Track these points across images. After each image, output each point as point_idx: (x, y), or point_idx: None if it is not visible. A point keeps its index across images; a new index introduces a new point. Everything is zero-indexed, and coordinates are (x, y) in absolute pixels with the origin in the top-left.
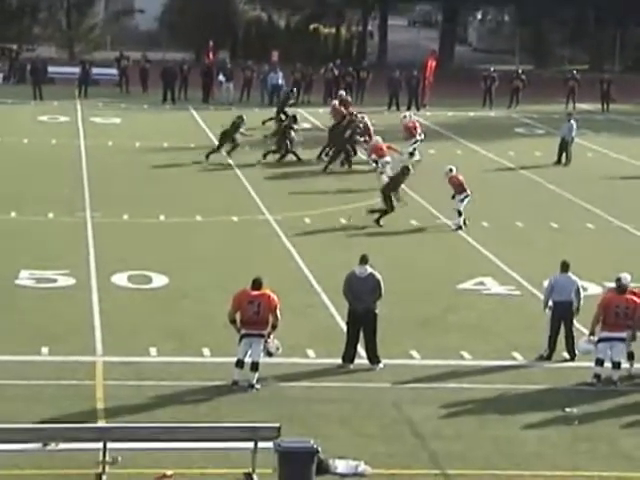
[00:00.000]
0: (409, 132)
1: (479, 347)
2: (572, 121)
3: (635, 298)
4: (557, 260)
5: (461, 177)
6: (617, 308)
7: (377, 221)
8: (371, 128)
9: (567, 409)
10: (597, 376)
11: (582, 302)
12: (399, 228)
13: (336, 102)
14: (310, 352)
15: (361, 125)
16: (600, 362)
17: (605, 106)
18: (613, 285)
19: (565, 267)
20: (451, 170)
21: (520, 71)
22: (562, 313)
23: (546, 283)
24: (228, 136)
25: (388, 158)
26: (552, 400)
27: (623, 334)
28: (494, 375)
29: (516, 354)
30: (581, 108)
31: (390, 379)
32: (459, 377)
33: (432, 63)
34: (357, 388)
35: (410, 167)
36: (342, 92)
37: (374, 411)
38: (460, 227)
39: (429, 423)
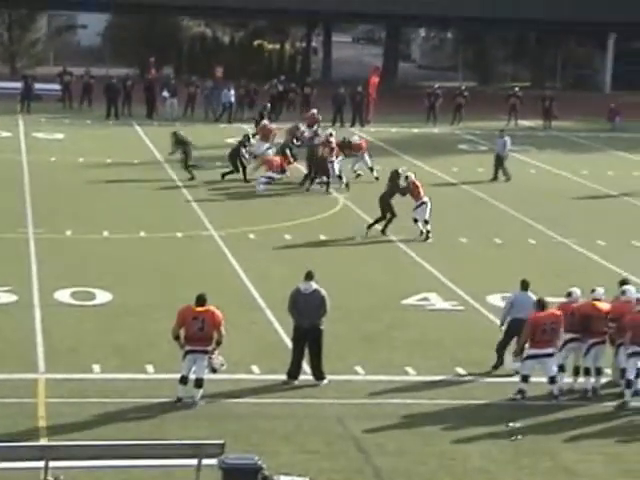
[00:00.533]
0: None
1: (423, 362)
2: (506, 137)
3: (557, 312)
4: (500, 275)
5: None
6: (544, 325)
7: (383, 231)
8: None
9: (510, 424)
10: (521, 392)
11: None
12: (344, 243)
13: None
14: (255, 368)
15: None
16: (525, 378)
17: (547, 123)
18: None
19: (525, 285)
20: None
21: (463, 88)
22: (519, 330)
23: (505, 301)
24: (235, 156)
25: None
26: (495, 415)
27: (550, 350)
28: (438, 390)
29: (460, 369)
30: (523, 125)
31: (335, 395)
32: (403, 392)
33: (375, 79)
34: (302, 404)
35: (400, 170)
36: (314, 111)
37: (319, 427)
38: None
39: (373, 439)
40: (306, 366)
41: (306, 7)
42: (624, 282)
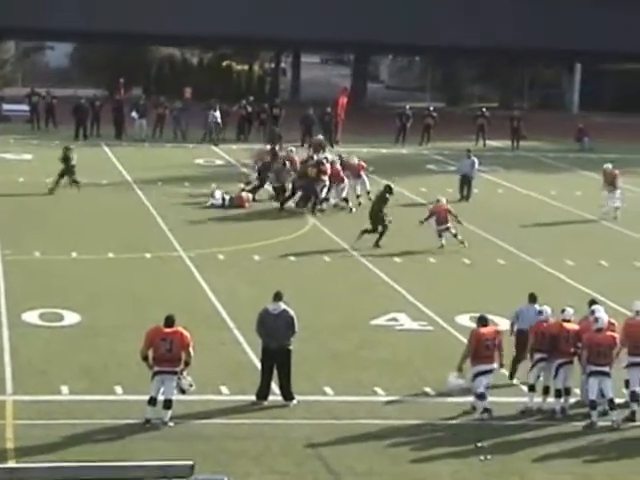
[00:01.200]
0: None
1: (392, 383)
2: (473, 157)
3: (497, 328)
4: (469, 296)
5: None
6: (487, 341)
7: (376, 243)
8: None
9: (479, 444)
10: (487, 410)
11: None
12: (313, 263)
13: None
14: (224, 389)
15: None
16: (482, 396)
17: (515, 143)
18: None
19: (533, 298)
20: (438, 200)
21: (432, 109)
22: (525, 340)
23: (513, 312)
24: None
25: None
26: (464, 435)
27: (494, 365)
28: (407, 410)
29: (428, 389)
30: (491, 145)
31: (304, 415)
32: (373, 412)
33: (343, 100)
34: (271, 425)
35: (392, 185)
36: (321, 137)
37: (288, 448)
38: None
39: (342, 459)
40: (275, 387)
41: (274, 35)
42: (593, 302)
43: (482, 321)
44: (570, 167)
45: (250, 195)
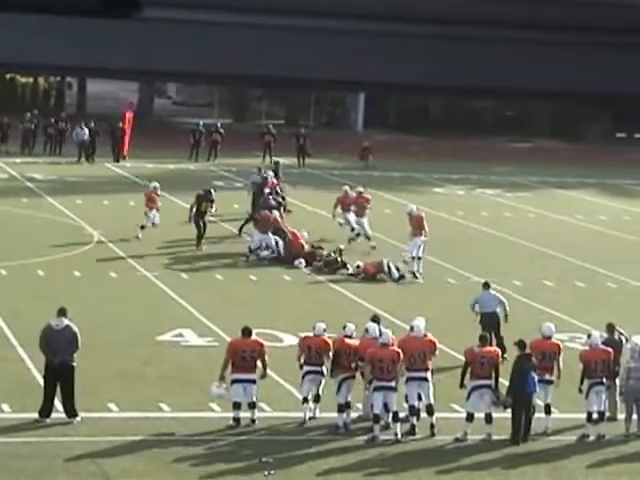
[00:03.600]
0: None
1: (178, 398)
2: (265, 174)
3: (258, 340)
4: (254, 311)
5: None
6: (243, 352)
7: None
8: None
9: (263, 459)
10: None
11: (508, 309)
12: (98, 280)
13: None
14: (5, 407)
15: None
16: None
17: (301, 160)
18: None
19: (487, 286)
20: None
21: (219, 125)
22: (488, 322)
23: (471, 300)
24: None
25: None
26: (248, 450)
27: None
28: (192, 426)
29: (214, 405)
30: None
31: (88, 433)
32: (158, 429)
33: (130, 115)
34: (53, 443)
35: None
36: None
37: (71, 466)
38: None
39: (126, 477)
40: (58, 404)
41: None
42: (374, 319)
43: (244, 332)
44: (355, 185)
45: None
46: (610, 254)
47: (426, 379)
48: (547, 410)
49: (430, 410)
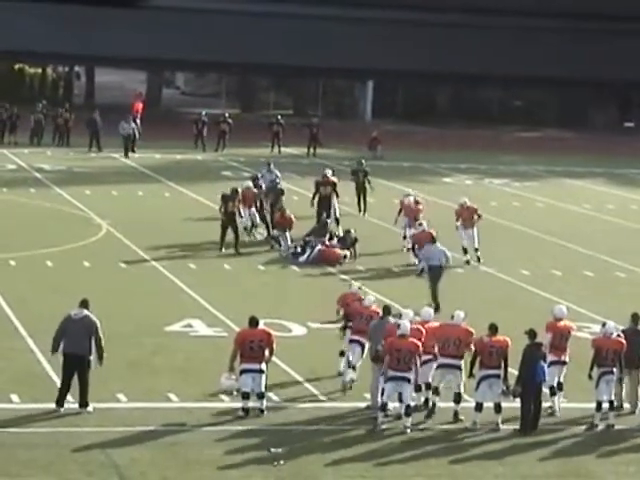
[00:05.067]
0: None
1: (186, 389)
2: (274, 170)
3: (266, 329)
4: (263, 301)
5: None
6: (252, 343)
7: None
8: None
9: (272, 449)
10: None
11: (450, 262)
12: (106, 270)
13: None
14: (14, 397)
15: None
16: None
17: (312, 150)
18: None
19: (434, 239)
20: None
21: (227, 115)
22: (435, 274)
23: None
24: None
25: None
26: (259, 440)
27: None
28: (201, 416)
29: (223, 395)
30: (286, 152)
31: (96, 423)
32: (166, 419)
33: (138, 105)
34: (63, 433)
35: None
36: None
37: (80, 456)
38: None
39: (136, 467)
40: (72, 394)
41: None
42: (386, 309)
43: (251, 322)
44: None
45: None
46: (618, 243)
47: (459, 367)
48: (559, 387)
49: (457, 399)
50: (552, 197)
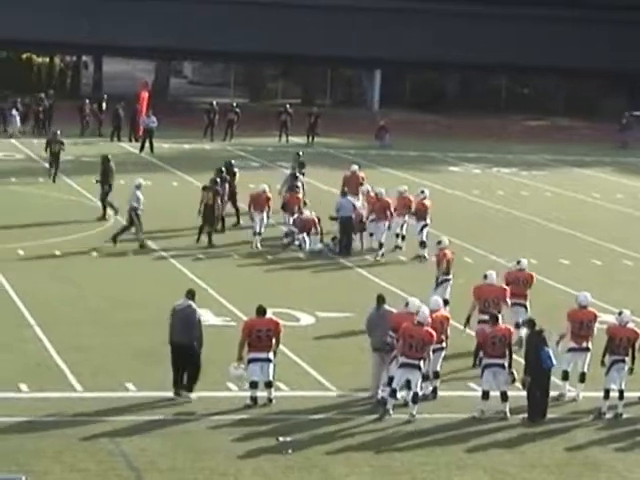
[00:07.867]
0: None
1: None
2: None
3: (274, 319)
4: (272, 292)
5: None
6: (260, 332)
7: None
8: None
9: (280, 438)
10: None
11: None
12: (115, 260)
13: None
14: (23, 386)
15: None
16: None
17: (310, 139)
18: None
19: (345, 194)
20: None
21: (235, 104)
22: (346, 223)
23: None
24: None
25: None
26: (269, 430)
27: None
28: (212, 405)
29: (231, 385)
30: (294, 141)
31: (105, 412)
32: (174, 408)
33: (144, 95)
34: (72, 422)
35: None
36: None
37: (89, 445)
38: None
39: (145, 456)
40: (75, 383)
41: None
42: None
43: (259, 312)
44: (370, 164)
45: None
46: (627, 232)
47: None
48: (581, 379)
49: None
50: (560, 186)
